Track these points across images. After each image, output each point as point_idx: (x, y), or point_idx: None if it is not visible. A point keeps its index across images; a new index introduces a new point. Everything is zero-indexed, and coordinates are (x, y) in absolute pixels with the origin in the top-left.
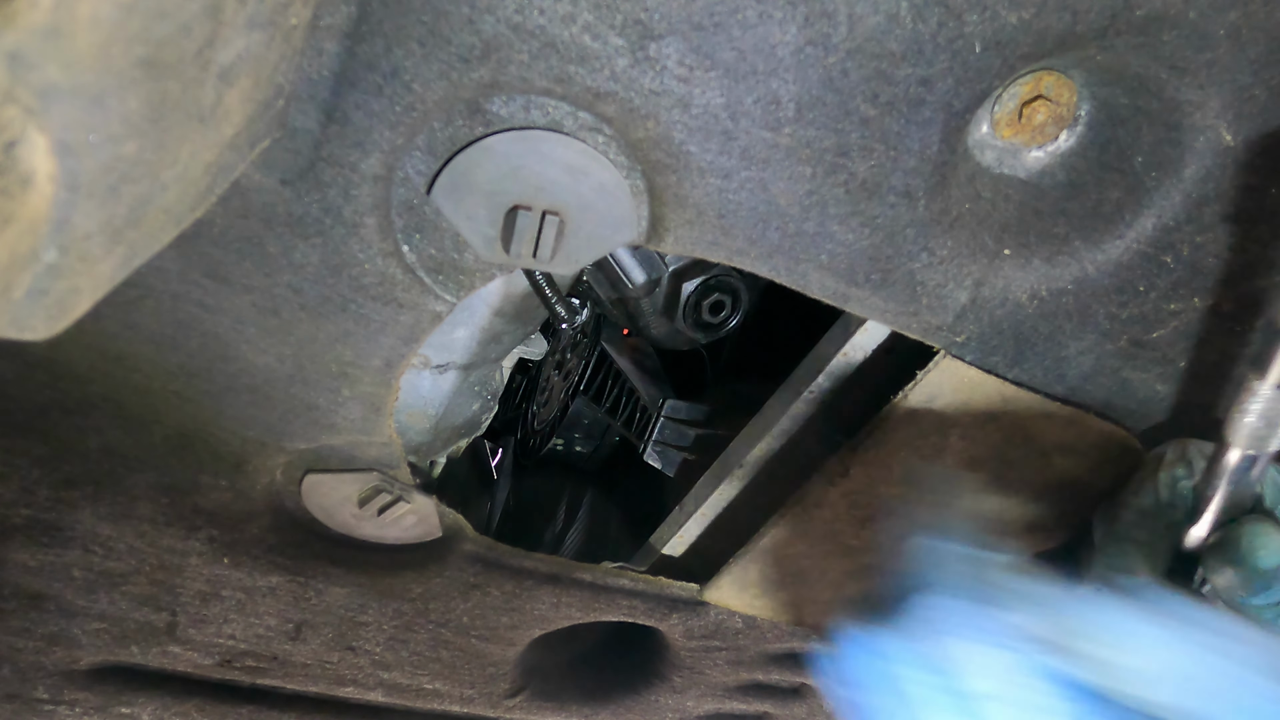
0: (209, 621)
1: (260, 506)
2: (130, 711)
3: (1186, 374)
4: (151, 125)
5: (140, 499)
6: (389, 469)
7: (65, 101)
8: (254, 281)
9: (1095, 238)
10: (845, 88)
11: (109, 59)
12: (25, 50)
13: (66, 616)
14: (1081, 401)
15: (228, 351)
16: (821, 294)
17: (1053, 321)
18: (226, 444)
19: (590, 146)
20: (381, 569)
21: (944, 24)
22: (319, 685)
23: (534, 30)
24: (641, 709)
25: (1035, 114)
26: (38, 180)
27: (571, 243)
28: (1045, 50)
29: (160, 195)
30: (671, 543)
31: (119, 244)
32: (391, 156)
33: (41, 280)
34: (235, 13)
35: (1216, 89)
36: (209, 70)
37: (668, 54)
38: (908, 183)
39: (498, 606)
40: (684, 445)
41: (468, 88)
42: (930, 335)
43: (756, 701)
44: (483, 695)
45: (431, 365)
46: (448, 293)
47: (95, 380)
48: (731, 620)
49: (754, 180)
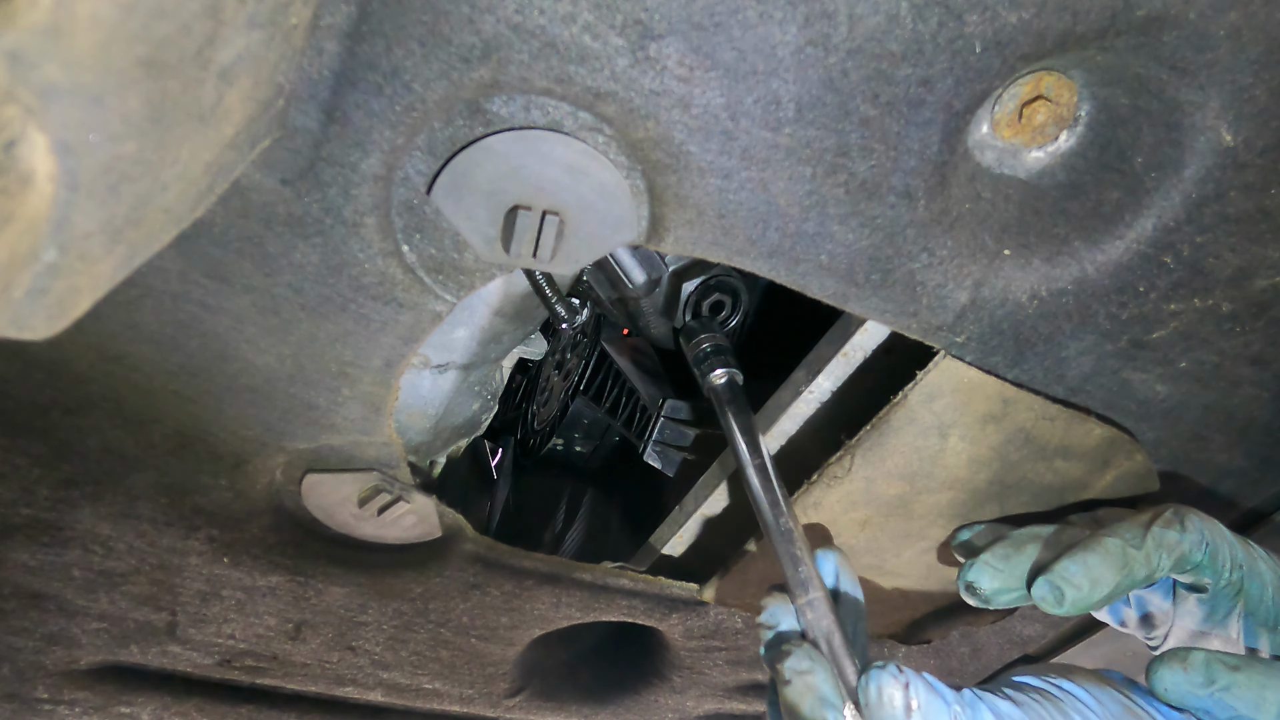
0: (209, 621)
1: (260, 506)
2: (130, 711)
3: (1187, 374)
4: (151, 125)
5: (140, 499)
6: (389, 469)
7: (65, 101)
8: (254, 281)
9: (1095, 238)
10: (845, 88)
11: (109, 58)
12: (25, 50)
13: (66, 616)
14: (1081, 402)
15: (228, 351)
16: (821, 294)
17: (1053, 322)
18: (226, 444)
19: (590, 146)
20: (381, 569)
21: (944, 24)
22: (319, 685)
23: (534, 30)
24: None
25: (1035, 114)
26: (38, 179)
27: (571, 243)
28: (1045, 51)
29: (160, 195)
30: (671, 543)
31: (119, 244)
32: (391, 156)
33: (41, 280)
34: (235, 12)
35: (1216, 89)
36: (209, 70)
37: (668, 54)
38: (908, 183)
39: (497, 606)
40: (684, 445)
41: (468, 88)
42: (930, 335)
43: (756, 701)
44: (482, 695)
45: (431, 365)
46: (448, 293)
47: (95, 380)
48: (731, 620)
49: (754, 180)
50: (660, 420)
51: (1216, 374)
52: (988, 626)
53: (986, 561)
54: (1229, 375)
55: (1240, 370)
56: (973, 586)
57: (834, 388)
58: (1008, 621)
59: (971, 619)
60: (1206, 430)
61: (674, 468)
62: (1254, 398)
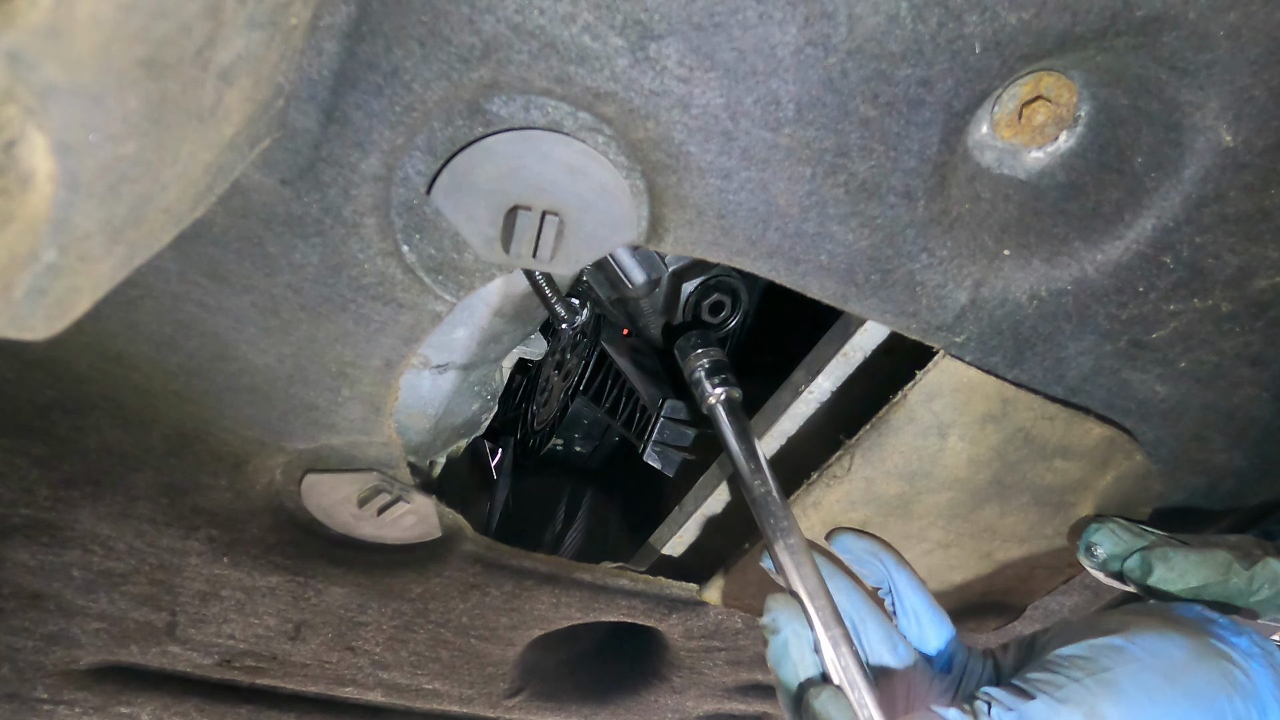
0: (208, 621)
1: (260, 506)
2: (130, 711)
3: (1186, 374)
4: (151, 125)
5: (140, 499)
6: (389, 469)
7: (65, 101)
8: (254, 281)
9: (1095, 238)
10: (845, 88)
11: (109, 59)
12: (25, 50)
13: (66, 616)
14: (1081, 402)
15: (228, 351)
16: (821, 294)
17: (1052, 322)
18: (226, 444)
19: (590, 146)
20: (381, 569)
21: (944, 24)
22: (318, 685)
23: (534, 30)
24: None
25: (1035, 114)
26: (37, 180)
27: (571, 243)
28: (1045, 51)
29: (160, 195)
30: (671, 543)
31: (119, 244)
32: (391, 156)
33: (41, 280)
34: (235, 12)
35: (1216, 89)
36: (209, 70)
37: (668, 54)
38: (907, 183)
39: (497, 606)
40: (684, 445)
41: (468, 88)
42: (930, 335)
43: (756, 702)
44: (482, 695)
45: (431, 365)
46: (447, 293)
47: (95, 380)
48: (731, 620)
49: (754, 180)
50: (660, 420)
51: (1216, 374)
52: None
53: (1112, 530)
54: (1229, 375)
55: (1240, 370)
56: (1093, 548)
57: (833, 388)
58: (1043, 601)
59: (973, 624)
60: (1206, 430)
61: (674, 468)
62: (1254, 398)
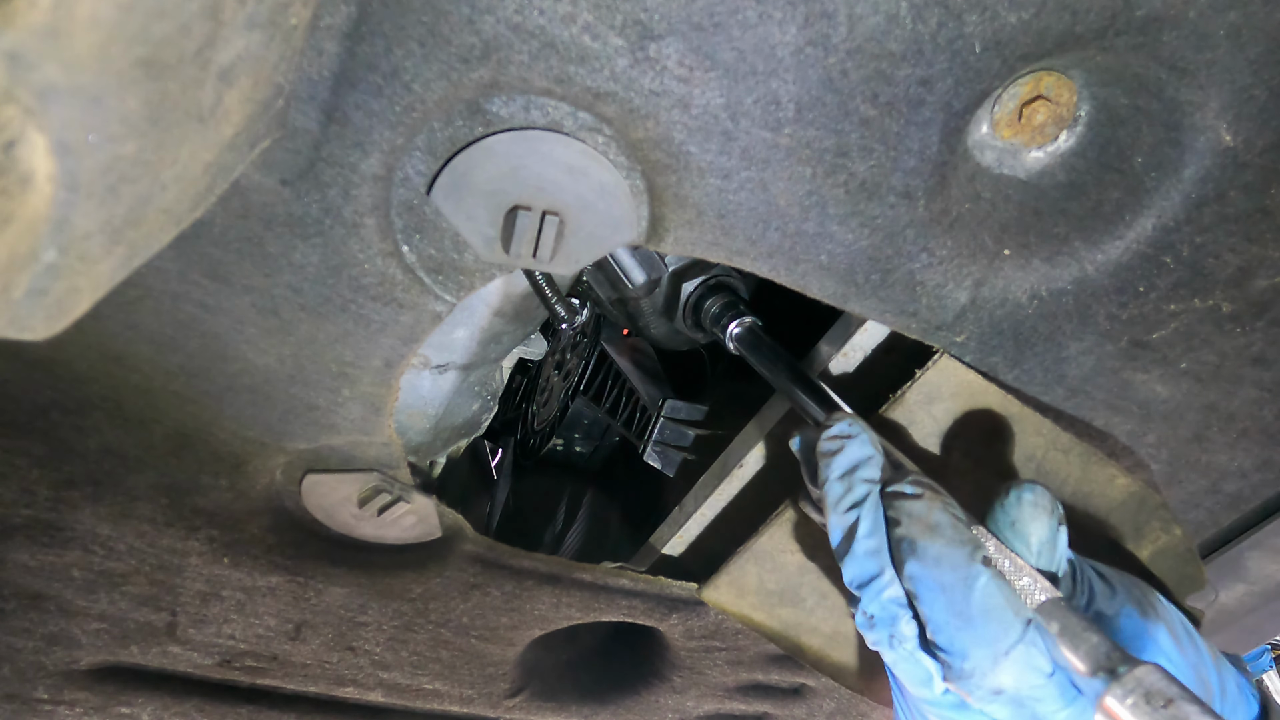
0: (209, 621)
1: (260, 506)
2: (130, 711)
3: (1187, 374)
4: (151, 125)
5: (140, 499)
6: (389, 469)
7: (65, 101)
8: (254, 281)
9: (1095, 238)
10: (845, 88)
11: (108, 59)
12: (25, 50)
13: (66, 616)
14: (1082, 402)
15: (228, 351)
16: (821, 294)
17: (1052, 322)
18: (226, 444)
19: (590, 146)
20: (381, 569)
21: (944, 24)
22: (319, 685)
23: (534, 30)
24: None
25: (1035, 114)
26: (37, 180)
27: (571, 243)
28: (1045, 50)
29: (160, 195)
30: (671, 543)
31: (119, 244)
32: (391, 156)
33: (41, 280)
34: (235, 13)
35: (1216, 89)
36: (209, 70)
37: (668, 54)
38: (907, 183)
39: (498, 606)
40: (684, 445)
41: (468, 88)
42: (930, 335)
43: (756, 701)
44: (482, 695)
45: (431, 365)
46: (448, 293)
47: (95, 380)
48: (731, 620)
49: (754, 180)
50: (660, 420)
51: (1217, 374)
52: None
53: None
54: (1229, 375)
55: (1241, 370)
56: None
57: (834, 387)
58: None
59: None
60: (1207, 430)
61: (674, 468)
62: (1255, 398)
